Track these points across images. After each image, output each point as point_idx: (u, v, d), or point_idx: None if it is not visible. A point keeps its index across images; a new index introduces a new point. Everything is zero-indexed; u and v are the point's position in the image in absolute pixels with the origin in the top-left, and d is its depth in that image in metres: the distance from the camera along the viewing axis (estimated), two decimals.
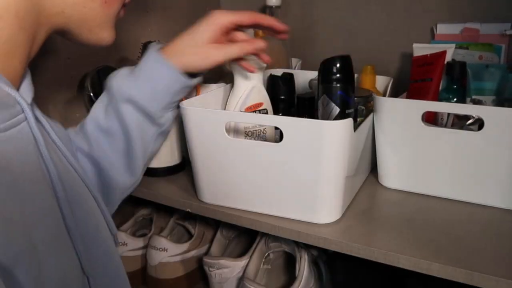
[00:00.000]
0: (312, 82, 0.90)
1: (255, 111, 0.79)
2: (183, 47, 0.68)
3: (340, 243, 0.64)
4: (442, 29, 1.01)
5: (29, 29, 0.44)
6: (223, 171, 0.72)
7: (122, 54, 1.01)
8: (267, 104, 0.81)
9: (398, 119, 0.74)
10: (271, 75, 0.87)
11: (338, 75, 0.71)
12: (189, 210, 0.77)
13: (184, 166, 0.89)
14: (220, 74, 0.94)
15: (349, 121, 0.64)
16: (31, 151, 0.42)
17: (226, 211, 0.73)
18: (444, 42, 0.97)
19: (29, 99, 0.46)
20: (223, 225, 0.99)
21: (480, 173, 0.70)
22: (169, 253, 0.98)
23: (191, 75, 0.69)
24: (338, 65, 0.71)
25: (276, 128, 0.78)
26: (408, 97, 0.83)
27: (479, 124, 0.70)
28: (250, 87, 0.78)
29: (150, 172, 0.86)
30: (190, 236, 1.03)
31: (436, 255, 0.59)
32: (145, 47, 0.91)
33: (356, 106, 0.75)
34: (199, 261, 1.00)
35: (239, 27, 0.72)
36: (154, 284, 0.99)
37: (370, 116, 0.76)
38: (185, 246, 1.00)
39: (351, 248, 0.63)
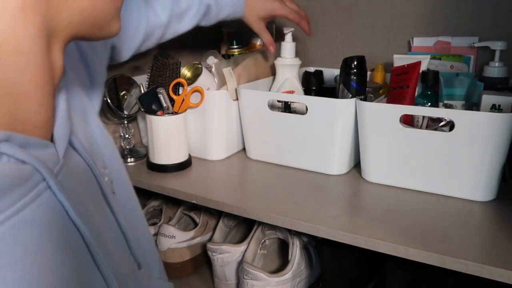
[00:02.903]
0: (336, 78, 1.00)
1: None
2: None
3: (327, 230, 0.64)
4: (418, 42, 1.01)
5: (40, 62, 0.32)
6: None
7: (136, 63, 1.01)
8: (298, 92, 0.96)
9: (379, 121, 0.74)
10: (306, 71, 1.04)
11: (352, 70, 0.83)
12: (194, 201, 0.77)
13: (191, 163, 0.89)
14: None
15: (352, 100, 0.77)
16: (60, 221, 0.33)
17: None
18: (419, 53, 0.97)
19: (65, 142, 0.36)
20: (225, 215, 0.99)
21: (451, 169, 0.70)
22: (177, 239, 0.97)
23: None
24: (352, 63, 0.83)
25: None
26: (388, 102, 0.84)
27: (450, 125, 0.70)
28: (284, 78, 0.95)
29: (161, 168, 0.86)
30: (195, 224, 1.03)
31: (412, 241, 0.59)
32: (156, 58, 0.91)
33: (366, 94, 0.86)
34: (203, 246, 1.00)
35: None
36: (164, 267, 0.99)
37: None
38: (191, 234, 1.00)
39: (337, 235, 0.63)
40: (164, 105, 0.85)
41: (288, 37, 0.94)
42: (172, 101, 0.87)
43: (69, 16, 0.34)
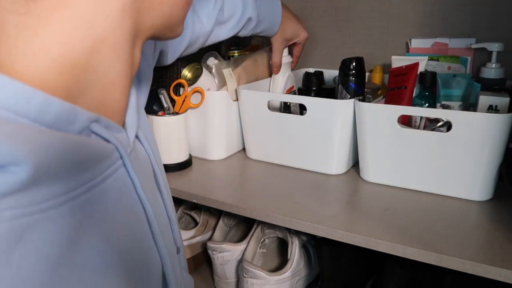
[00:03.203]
0: (335, 79, 0.99)
1: (290, 93, 0.99)
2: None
3: (326, 229, 0.64)
4: (415, 43, 1.01)
5: (127, 57, 0.36)
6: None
7: None
8: (295, 86, 1.00)
9: (377, 121, 0.74)
10: (306, 72, 1.03)
11: (350, 71, 0.84)
12: (195, 201, 0.77)
13: (191, 163, 0.89)
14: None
15: (350, 101, 0.77)
16: (129, 196, 0.37)
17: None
18: (417, 55, 0.97)
19: (134, 130, 0.40)
20: (225, 214, 0.99)
21: (448, 168, 0.70)
22: None
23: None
24: (350, 64, 0.84)
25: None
26: (386, 102, 0.83)
27: (448, 126, 0.70)
28: (287, 75, 0.97)
29: None
30: (196, 224, 1.03)
31: (410, 240, 0.59)
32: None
33: (364, 95, 0.86)
34: (204, 245, 1.00)
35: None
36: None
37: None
38: (191, 233, 1.00)
39: (336, 234, 0.63)
40: (165, 105, 0.85)
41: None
42: (173, 101, 0.87)
43: (152, 19, 0.38)
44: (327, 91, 0.97)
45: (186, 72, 0.94)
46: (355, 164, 0.84)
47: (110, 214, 0.33)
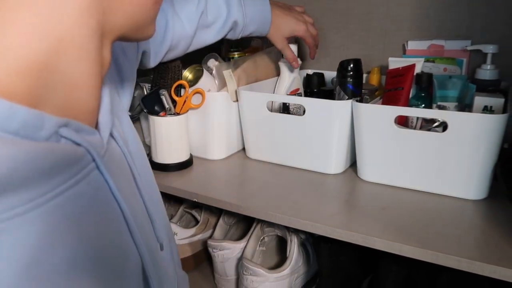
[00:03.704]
0: (333, 80, 0.98)
1: (295, 95, 0.99)
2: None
3: (324, 228, 0.64)
4: (412, 45, 1.01)
5: (94, 56, 0.35)
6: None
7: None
8: (301, 89, 1.01)
9: (375, 122, 0.74)
10: (307, 74, 1.04)
11: (348, 73, 0.84)
12: (196, 199, 0.77)
13: (192, 162, 0.89)
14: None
15: (348, 102, 0.77)
16: (104, 196, 0.36)
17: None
18: (414, 56, 0.97)
19: (108, 131, 0.39)
20: (225, 212, 0.99)
21: (444, 168, 0.70)
22: (178, 236, 0.97)
23: None
24: (348, 65, 0.84)
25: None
26: (383, 103, 0.83)
27: (444, 126, 0.70)
28: (293, 77, 0.98)
29: (163, 167, 0.86)
30: (197, 222, 1.03)
31: (407, 238, 0.59)
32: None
33: (362, 96, 0.86)
34: (204, 243, 1.00)
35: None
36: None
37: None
38: (192, 231, 1.00)
39: (334, 232, 0.63)
40: (166, 106, 0.85)
41: (292, 40, 0.95)
42: (174, 102, 0.86)
43: (119, 19, 0.37)
44: (325, 92, 0.97)
45: (187, 74, 0.94)
46: (353, 164, 0.84)
47: (84, 216, 0.33)
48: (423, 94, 0.80)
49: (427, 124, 0.77)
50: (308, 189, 0.76)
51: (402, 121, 0.79)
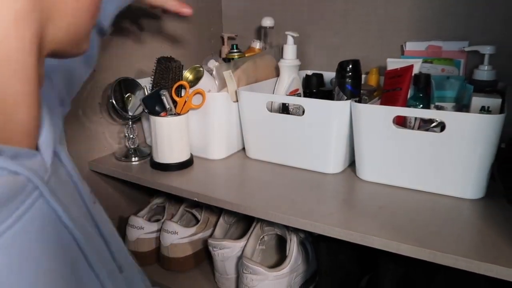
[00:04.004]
0: (332, 80, 0.98)
1: (294, 95, 0.98)
2: None
3: (323, 227, 0.64)
4: (410, 46, 1.01)
5: (29, 73, 0.31)
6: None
7: (139, 67, 1.01)
8: (300, 89, 1.00)
9: (373, 122, 0.74)
10: (306, 75, 1.03)
11: (347, 73, 0.84)
12: (196, 199, 0.77)
13: (192, 162, 0.89)
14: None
15: (347, 102, 0.77)
16: (54, 226, 0.33)
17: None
18: (412, 57, 0.97)
19: (50, 150, 0.36)
20: (225, 211, 0.99)
21: (442, 168, 0.70)
22: (179, 235, 0.97)
23: None
24: (347, 66, 0.84)
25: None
26: (381, 104, 0.83)
27: (441, 126, 0.70)
28: (292, 78, 0.97)
29: (164, 167, 0.86)
30: (197, 221, 1.03)
31: (405, 237, 0.59)
32: (159, 61, 0.91)
33: (360, 96, 0.86)
34: (205, 242, 1.00)
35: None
36: (167, 262, 0.99)
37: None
38: (192, 230, 1.00)
39: (333, 231, 0.63)
40: (167, 106, 0.85)
41: (291, 40, 0.95)
42: (174, 102, 0.87)
43: (60, 32, 0.34)
44: (324, 93, 0.97)
45: (188, 74, 0.94)
46: (352, 164, 0.84)
47: (33, 251, 0.30)
48: (421, 95, 0.80)
49: (425, 124, 0.77)
50: (307, 188, 0.76)
51: (400, 121, 0.80)
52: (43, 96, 0.38)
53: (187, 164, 0.88)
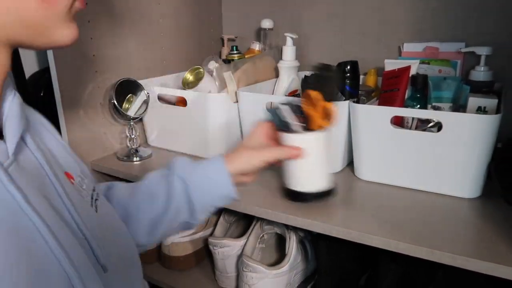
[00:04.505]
0: None
1: (293, 95, 0.98)
2: (240, 152, 0.60)
3: (323, 225, 0.64)
4: (407, 47, 1.01)
5: None
6: None
7: (140, 68, 1.00)
8: (299, 90, 0.99)
9: (371, 122, 0.74)
10: (305, 76, 0.97)
11: (345, 74, 0.83)
12: None
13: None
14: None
15: (345, 103, 0.76)
16: (12, 212, 0.33)
17: None
18: (409, 58, 0.97)
19: (15, 139, 0.36)
20: (225, 211, 0.99)
21: (439, 167, 0.70)
22: (180, 234, 0.97)
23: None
24: (345, 67, 0.83)
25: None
26: (379, 104, 0.83)
27: (438, 126, 0.70)
28: (291, 78, 0.97)
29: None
30: None
31: (403, 236, 0.59)
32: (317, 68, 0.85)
33: (359, 97, 0.86)
34: (205, 241, 1.00)
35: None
36: (168, 260, 0.99)
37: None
38: (193, 229, 1.00)
39: (332, 230, 0.63)
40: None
41: (290, 41, 0.95)
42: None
43: (5, 17, 0.33)
44: None
45: (188, 75, 0.94)
46: (350, 163, 0.84)
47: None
48: (418, 95, 0.80)
49: (422, 125, 0.77)
50: None
51: (398, 122, 0.79)
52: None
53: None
